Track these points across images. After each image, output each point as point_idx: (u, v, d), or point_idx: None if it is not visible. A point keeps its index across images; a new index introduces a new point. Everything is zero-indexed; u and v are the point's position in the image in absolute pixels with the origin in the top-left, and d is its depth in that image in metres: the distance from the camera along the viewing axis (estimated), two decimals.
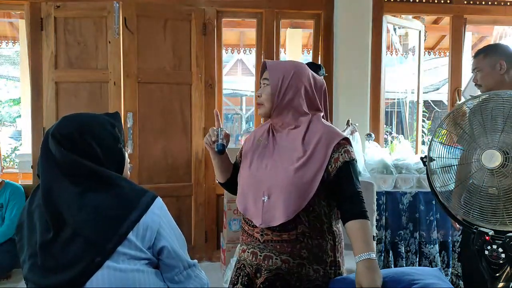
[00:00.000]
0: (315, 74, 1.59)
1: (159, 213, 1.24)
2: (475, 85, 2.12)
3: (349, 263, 2.40)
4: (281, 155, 1.49)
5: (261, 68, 1.60)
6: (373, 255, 1.36)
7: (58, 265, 1.14)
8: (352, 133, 3.18)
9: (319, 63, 3.81)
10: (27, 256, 1.19)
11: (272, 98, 1.51)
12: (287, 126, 1.52)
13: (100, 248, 1.15)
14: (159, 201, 1.26)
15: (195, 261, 1.35)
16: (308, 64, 3.08)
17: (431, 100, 9.17)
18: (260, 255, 1.47)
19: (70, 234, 1.15)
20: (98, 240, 1.15)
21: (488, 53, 2.05)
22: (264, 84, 1.55)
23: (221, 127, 1.59)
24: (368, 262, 1.35)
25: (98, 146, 1.24)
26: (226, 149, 1.61)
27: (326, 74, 3.20)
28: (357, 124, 3.23)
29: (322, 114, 1.58)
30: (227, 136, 1.58)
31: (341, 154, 1.45)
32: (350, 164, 1.45)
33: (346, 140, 1.49)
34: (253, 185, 1.51)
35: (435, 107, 9.30)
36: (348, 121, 3.23)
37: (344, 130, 3.21)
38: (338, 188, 1.45)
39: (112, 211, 1.18)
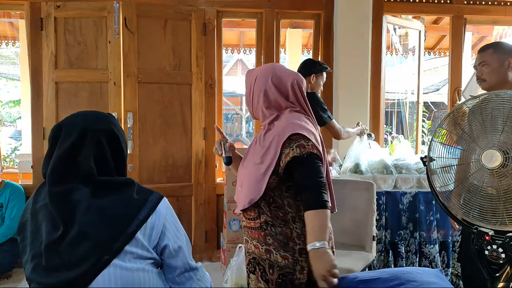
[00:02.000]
0: (280, 73, 1.63)
1: (165, 213, 1.26)
2: (478, 79, 2.09)
3: (347, 263, 2.40)
4: (253, 153, 1.64)
5: None
6: (318, 244, 1.40)
7: (63, 264, 1.14)
8: (360, 134, 3.16)
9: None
10: (30, 257, 1.19)
11: (248, 105, 1.70)
12: (264, 125, 1.66)
13: (108, 247, 1.15)
14: (165, 201, 1.28)
15: (199, 264, 1.36)
16: (307, 61, 3.06)
17: (430, 102, 9.16)
18: (244, 238, 1.68)
19: (77, 233, 1.15)
20: (106, 239, 1.16)
21: (497, 49, 2.04)
22: None
23: (225, 139, 1.73)
24: (313, 252, 1.41)
25: (124, 149, 1.30)
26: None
27: (331, 70, 3.14)
28: (366, 128, 3.24)
29: (296, 109, 1.62)
30: (231, 147, 1.74)
31: (292, 149, 1.51)
32: (300, 159, 1.49)
33: (299, 135, 1.51)
34: (238, 177, 1.72)
35: (434, 109, 9.30)
36: (358, 122, 3.21)
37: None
38: (294, 180, 1.53)
39: (120, 211, 1.19)
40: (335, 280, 1.35)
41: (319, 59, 3.84)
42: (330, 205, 1.52)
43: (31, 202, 1.26)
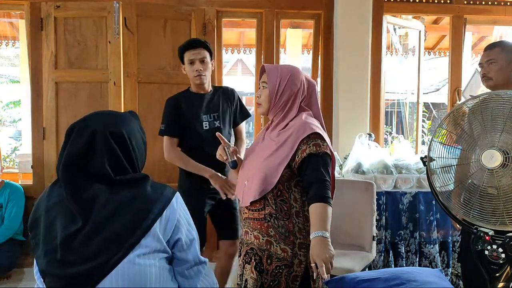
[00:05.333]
0: (308, 77, 1.75)
1: (178, 207, 1.29)
2: (483, 77, 2.07)
3: (347, 263, 2.40)
4: (263, 147, 1.71)
5: (260, 71, 1.79)
6: (327, 234, 1.48)
7: (79, 258, 1.16)
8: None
9: (319, 63, 3.82)
10: (43, 252, 1.20)
11: (270, 99, 1.71)
12: (278, 123, 1.71)
13: (124, 240, 1.17)
14: (178, 195, 1.31)
15: (206, 259, 1.38)
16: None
17: (430, 103, 9.16)
18: (243, 230, 1.74)
19: (93, 228, 1.17)
20: (122, 233, 1.18)
21: (506, 48, 2.03)
22: (262, 86, 1.74)
23: (228, 145, 1.80)
24: (319, 239, 1.47)
25: (137, 149, 1.32)
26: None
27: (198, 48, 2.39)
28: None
29: (308, 112, 1.71)
30: (235, 152, 1.81)
31: (309, 147, 1.59)
32: (316, 156, 1.58)
33: (317, 135, 1.61)
34: (242, 173, 1.77)
35: (433, 110, 9.29)
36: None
37: None
38: (304, 176, 1.60)
39: (137, 205, 1.22)
40: (329, 269, 1.44)
41: (319, 59, 3.83)
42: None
43: (44, 199, 1.28)
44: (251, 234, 1.67)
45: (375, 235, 2.66)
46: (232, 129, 2.61)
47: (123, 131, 1.28)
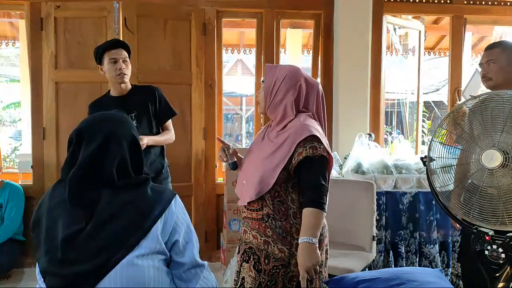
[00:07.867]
0: (309, 78, 1.73)
1: (177, 209, 1.32)
2: (483, 77, 2.07)
3: (347, 263, 2.40)
4: (262, 148, 1.71)
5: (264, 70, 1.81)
6: (313, 240, 1.51)
7: (79, 257, 1.17)
8: None
9: (319, 63, 3.82)
10: (44, 251, 1.22)
11: (266, 98, 1.72)
12: (277, 123, 1.71)
13: (124, 241, 1.19)
14: (178, 198, 1.34)
15: (205, 262, 1.38)
16: None
17: (432, 101, 9.17)
18: (242, 229, 1.75)
19: (95, 228, 1.19)
20: (123, 234, 1.19)
21: (506, 48, 2.02)
22: (262, 85, 1.76)
23: (228, 146, 1.80)
24: (306, 245, 1.51)
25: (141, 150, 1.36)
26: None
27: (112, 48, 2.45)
28: None
29: (308, 114, 1.70)
30: (235, 153, 1.82)
31: (306, 149, 1.58)
32: (312, 159, 1.58)
33: (314, 137, 1.60)
34: (242, 172, 1.78)
35: (435, 108, 9.30)
36: None
37: None
38: (300, 179, 1.61)
39: (137, 207, 1.24)
40: (312, 276, 1.49)
41: (319, 59, 3.83)
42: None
43: (47, 198, 1.30)
44: (249, 234, 1.69)
45: (375, 235, 2.66)
46: (158, 128, 2.64)
47: (133, 132, 1.33)
